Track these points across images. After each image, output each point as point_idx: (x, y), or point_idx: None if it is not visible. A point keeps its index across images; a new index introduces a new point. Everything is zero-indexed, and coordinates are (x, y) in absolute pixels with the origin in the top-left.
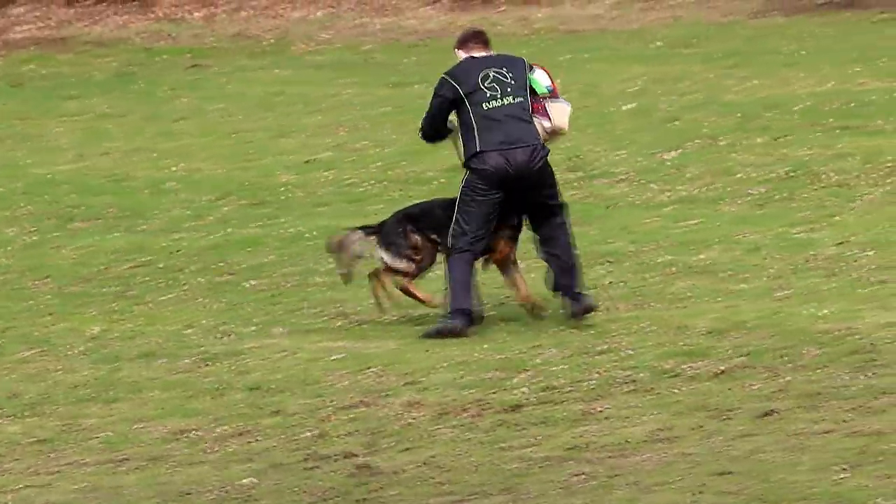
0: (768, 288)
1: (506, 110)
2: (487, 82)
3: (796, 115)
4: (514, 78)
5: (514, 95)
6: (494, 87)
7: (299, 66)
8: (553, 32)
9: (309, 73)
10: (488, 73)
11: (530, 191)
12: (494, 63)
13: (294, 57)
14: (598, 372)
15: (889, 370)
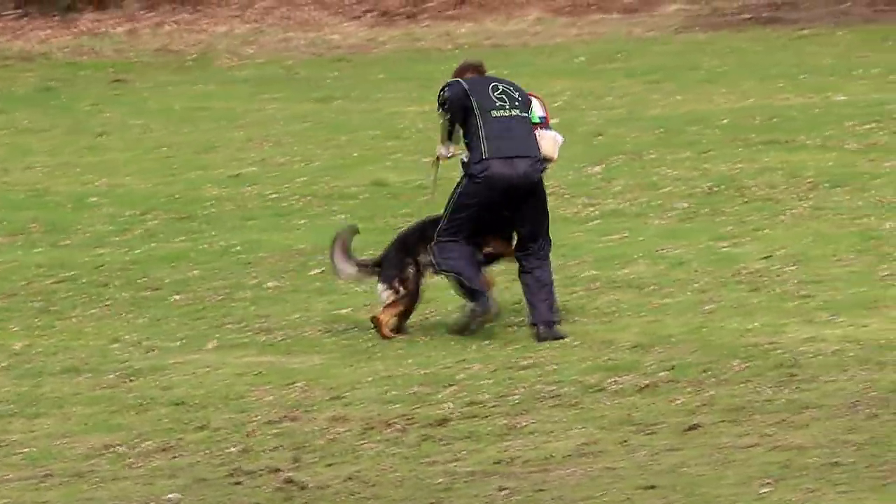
0: (693, 302)
1: (513, 122)
2: (497, 93)
3: (719, 130)
4: (521, 96)
5: (520, 110)
6: (504, 97)
7: (223, 81)
8: (476, 48)
9: (233, 87)
10: (497, 86)
11: (524, 204)
12: (500, 80)
13: (218, 72)
14: (523, 386)
15: (812, 384)
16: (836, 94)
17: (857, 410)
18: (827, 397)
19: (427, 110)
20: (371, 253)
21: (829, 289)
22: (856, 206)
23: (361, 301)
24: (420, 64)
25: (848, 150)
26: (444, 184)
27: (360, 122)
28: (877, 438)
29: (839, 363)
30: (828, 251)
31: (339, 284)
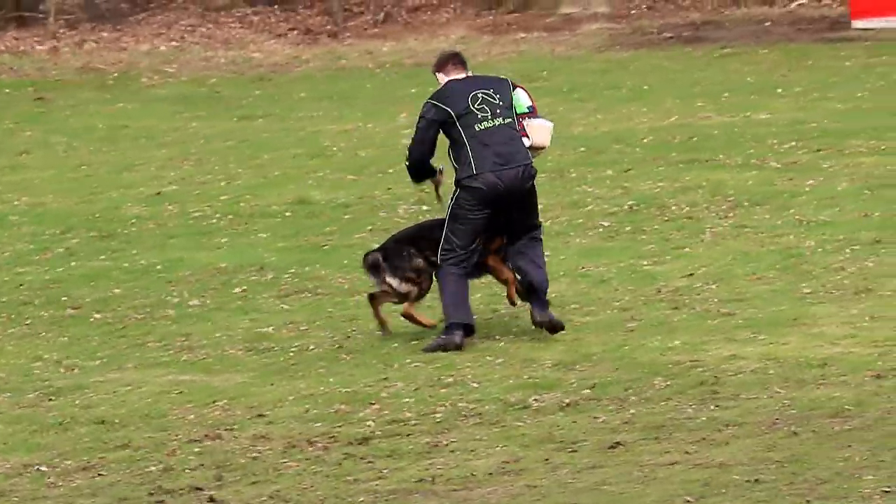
0: (615, 320)
1: (497, 131)
2: (477, 104)
3: (641, 149)
4: (502, 99)
5: (503, 117)
6: (485, 108)
7: (145, 100)
8: (399, 66)
9: (154, 106)
10: (477, 95)
11: (517, 209)
12: (481, 85)
13: (140, 90)
14: (445, 405)
15: (733, 402)
16: (757, 113)
17: (778, 428)
18: (748, 415)
19: (349, 129)
20: (293, 272)
21: (750, 307)
22: (776, 225)
23: (283, 320)
24: (343, 82)
25: (769, 168)
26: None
27: (283, 141)
28: (797, 456)
29: (760, 381)
30: (749, 269)
31: (260, 303)
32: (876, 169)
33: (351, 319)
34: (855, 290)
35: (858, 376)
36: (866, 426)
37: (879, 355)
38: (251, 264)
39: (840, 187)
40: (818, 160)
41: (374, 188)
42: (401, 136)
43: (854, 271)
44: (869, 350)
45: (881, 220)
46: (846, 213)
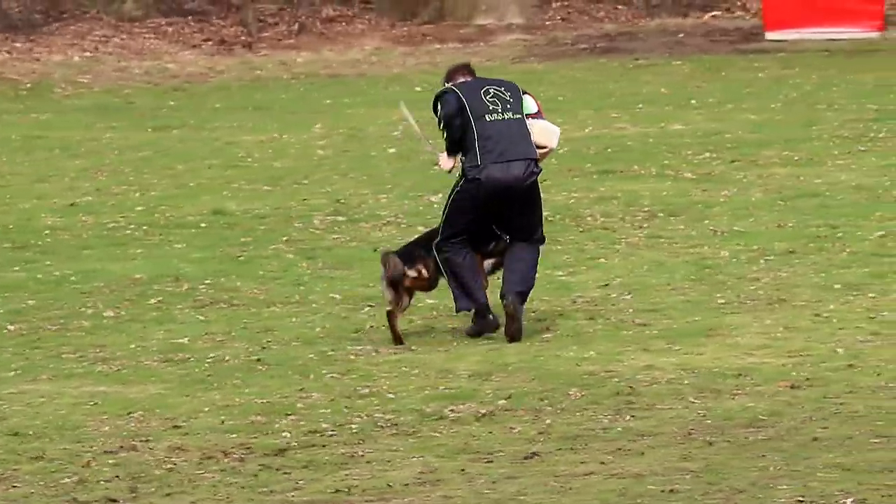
0: (531, 331)
1: (506, 125)
2: (489, 97)
3: (556, 160)
4: (512, 97)
5: (513, 112)
6: (496, 101)
7: (59, 110)
8: (314, 77)
9: (69, 117)
10: (489, 90)
11: (517, 206)
12: (492, 83)
13: (54, 101)
14: (362, 415)
15: (649, 413)
16: (672, 124)
17: (693, 438)
18: (663, 425)
19: (265, 139)
20: (209, 283)
21: (665, 317)
22: (691, 236)
23: (199, 331)
24: (258, 92)
25: (684, 179)
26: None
27: (198, 152)
28: (712, 466)
29: (675, 391)
30: (664, 280)
31: (177, 313)
32: (789, 180)
33: (267, 330)
34: (769, 300)
35: (772, 386)
36: (780, 436)
37: (793, 365)
38: (167, 275)
39: (754, 198)
40: (732, 171)
41: (290, 199)
42: (316, 146)
43: (768, 282)
44: (783, 360)
45: (795, 230)
46: (760, 223)
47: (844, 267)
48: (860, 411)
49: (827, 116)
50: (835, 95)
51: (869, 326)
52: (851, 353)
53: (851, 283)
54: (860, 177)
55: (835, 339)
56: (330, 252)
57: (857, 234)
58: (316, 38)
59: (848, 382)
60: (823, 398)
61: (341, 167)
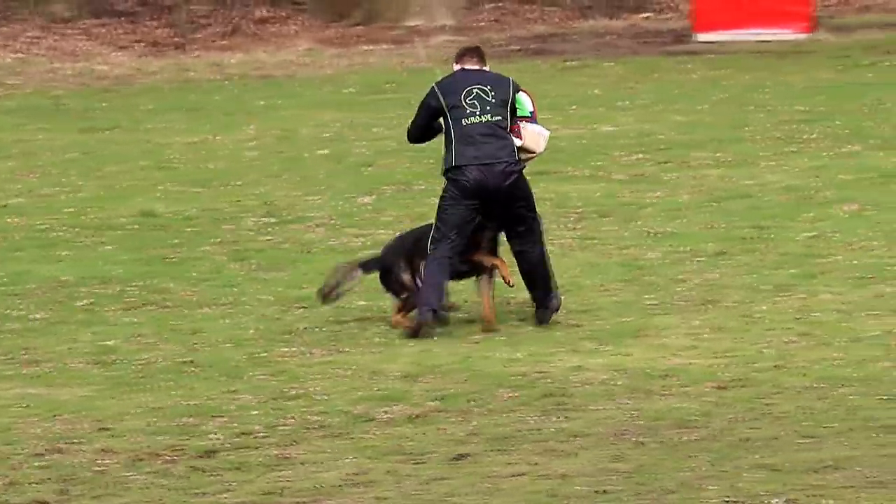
0: (462, 332)
1: (483, 128)
2: (469, 98)
3: None
4: (496, 97)
5: (492, 113)
6: (475, 103)
7: None
8: (246, 78)
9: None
10: (472, 90)
11: (504, 204)
12: (481, 80)
13: None
14: (293, 417)
15: (579, 413)
16: (603, 125)
17: (624, 439)
18: (594, 426)
19: (196, 141)
20: (139, 284)
21: (596, 318)
22: (623, 237)
23: (129, 332)
24: (189, 94)
25: (615, 180)
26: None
27: (129, 153)
28: (643, 466)
29: (606, 392)
30: (595, 281)
31: (106, 315)
32: (720, 181)
33: (197, 332)
34: (699, 301)
35: (701, 387)
36: (710, 436)
37: (722, 366)
38: (96, 277)
39: (685, 199)
40: (663, 172)
41: (221, 200)
42: (248, 148)
43: (698, 283)
44: (712, 361)
45: (725, 231)
46: (690, 224)
47: (774, 268)
48: (788, 412)
49: (757, 118)
50: (765, 97)
51: (798, 327)
52: (780, 353)
53: (781, 285)
54: (790, 178)
55: (763, 340)
56: (261, 253)
57: (787, 235)
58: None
59: (776, 383)
60: (752, 399)
61: (273, 169)
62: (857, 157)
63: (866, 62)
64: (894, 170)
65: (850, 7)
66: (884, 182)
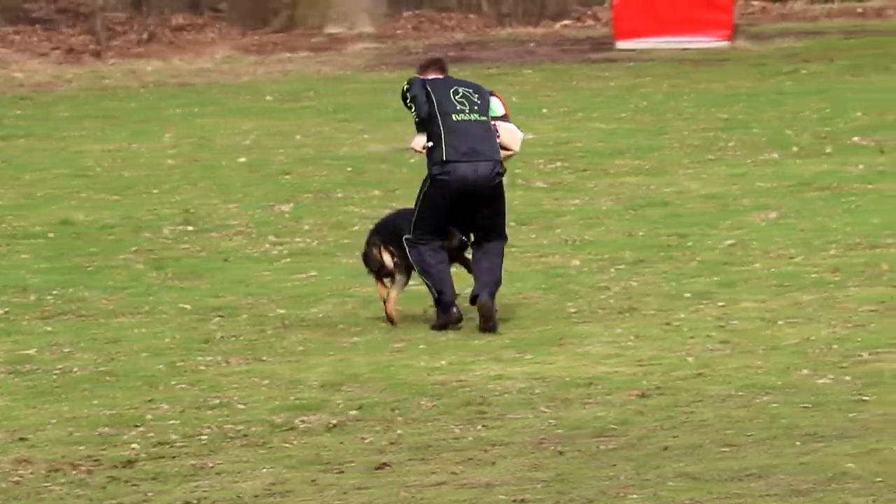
0: (382, 341)
1: (473, 125)
2: (458, 97)
3: (407, 169)
4: (480, 99)
5: (479, 114)
6: (464, 101)
7: None
8: (163, 86)
9: None
10: (458, 89)
11: (483, 205)
12: (461, 83)
13: None
14: (211, 426)
15: (500, 422)
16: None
17: (544, 447)
18: (514, 434)
19: (113, 149)
20: (56, 293)
21: (516, 326)
22: (542, 245)
23: (46, 341)
24: (106, 101)
25: (535, 188)
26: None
27: (45, 161)
28: (563, 475)
29: (526, 400)
30: (515, 289)
31: (23, 325)
32: (639, 189)
33: (115, 341)
34: (619, 309)
35: (623, 395)
36: (631, 445)
37: (643, 374)
38: (13, 285)
39: (604, 207)
40: (583, 180)
41: (139, 209)
42: (165, 156)
43: (618, 291)
44: (633, 369)
45: (644, 239)
46: (610, 232)
47: (694, 276)
48: (709, 420)
49: (676, 125)
50: (684, 105)
51: (718, 335)
52: (701, 361)
53: (701, 292)
54: (709, 186)
55: (684, 348)
56: (179, 262)
57: (707, 243)
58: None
59: (697, 391)
60: (673, 407)
61: (191, 177)
62: (775, 166)
63: (785, 70)
64: (812, 178)
65: (768, 16)
66: (801, 190)
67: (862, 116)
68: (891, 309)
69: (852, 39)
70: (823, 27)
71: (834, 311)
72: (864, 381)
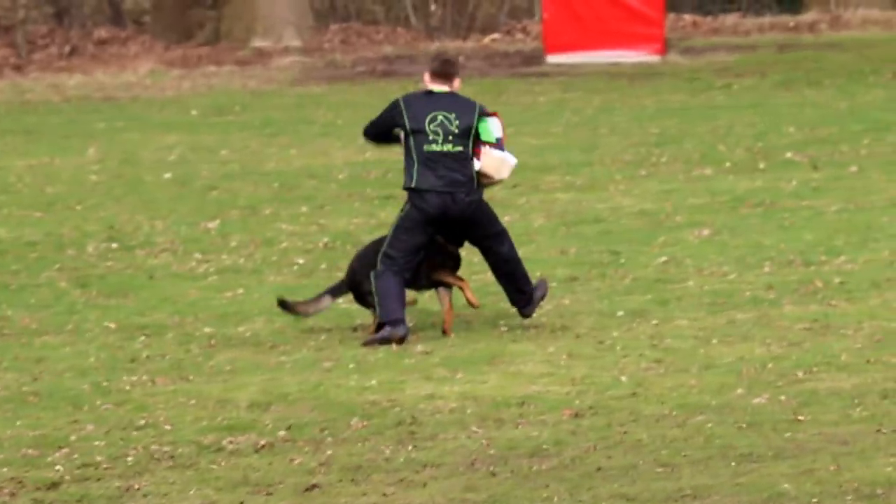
0: (312, 360)
1: (444, 156)
2: (434, 125)
3: (336, 185)
4: (460, 125)
5: (453, 143)
6: (438, 131)
7: None
8: (87, 100)
9: None
10: (436, 116)
11: (466, 230)
12: (445, 106)
13: None
14: (137, 448)
15: (431, 442)
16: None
17: (476, 468)
18: (446, 455)
19: (35, 164)
20: None
21: (447, 345)
22: (473, 262)
23: None
24: (28, 116)
25: None
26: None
27: None
28: (495, 496)
29: (458, 421)
30: None
31: None
32: (571, 205)
33: (39, 361)
34: (552, 327)
35: (556, 415)
36: (564, 466)
37: (577, 394)
38: None
39: (536, 224)
40: (514, 196)
41: (63, 225)
42: (89, 171)
43: (551, 309)
44: (566, 388)
45: (577, 256)
46: (542, 249)
47: (627, 294)
48: (643, 440)
49: (609, 141)
50: (616, 119)
51: (652, 354)
52: (635, 380)
53: (634, 310)
54: (642, 202)
55: (618, 367)
56: (104, 280)
57: (640, 260)
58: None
59: (631, 411)
60: (607, 427)
61: (115, 193)
62: (708, 181)
63: (717, 85)
64: (745, 194)
65: (700, 30)
66: (735, 206)
67: (795, 132)
68: (825, 327)
69: (785, 54)
70: (756, 41)
71: (769, 330)
72: (800, 401)
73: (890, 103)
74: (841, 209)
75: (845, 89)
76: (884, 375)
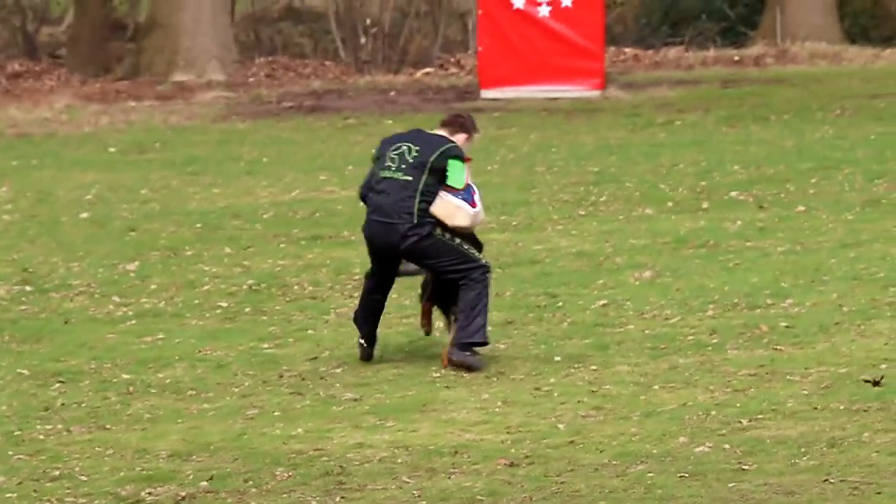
0: (235, 407)
1: (391, 184)
2: (394, 153)
3: (261, 225)
4: (417, 157)
5: (405, 172)
6: (395, 158)
7: None
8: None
9: None
10: (400, 146)
11: (413, 260)
12: (414, 139)
13: None
14: (52, 500)
15: (360, 493)
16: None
17: None
18: None
19: None
20: None
21: (377, 392)
22: (404, 305)
23: None
24: None
25: None
26: None
27: None
28: None
29: (388, 470)
30: (375, 352)
31: None
32: (507, 246)
33: None
34: (486, 373)
35: (490, 464)
36: None
37: (513, 442)
38: None
39: None
40: None
41: None
42: (2, 210)
43: (486, 353)
44: (502, 437)
45: (513, 300)
46: None
47: (565, 338)
48: (581, 490)
49: (546, 179)
50: (554, 157)
51: (591, 401)
52: (573, 428)
53: (572, 355)
54: (581, 243)
55: (555, 414)
56: (16, 324)
57: (579, 303)
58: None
59: (569, 460)
60: (544, 476)
61: (29, 233)
62: (649, 221)
63: (659, 121)
64: (688, 235)
65: (641, 63)
66: (677, 247)
67: (740, 170)
68: (771, 373)
69: (729, 89)
70: (699, 76)
71: (712, 375)
72: (744, 449)
73: (838, 141)
74: (788, 250)
75: (792, 126)
76: (831, 423)
